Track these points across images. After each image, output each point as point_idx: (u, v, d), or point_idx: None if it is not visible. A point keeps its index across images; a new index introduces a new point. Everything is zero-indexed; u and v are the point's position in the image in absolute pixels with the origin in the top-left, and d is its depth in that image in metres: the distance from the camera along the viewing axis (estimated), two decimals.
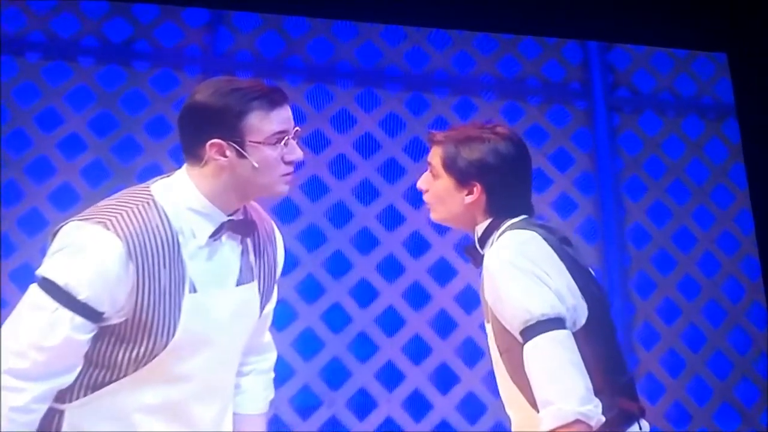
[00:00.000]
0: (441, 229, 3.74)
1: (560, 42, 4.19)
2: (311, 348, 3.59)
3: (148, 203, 1.80)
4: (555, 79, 4.12)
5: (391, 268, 3.73)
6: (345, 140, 3.84)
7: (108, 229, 1.75)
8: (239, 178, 1.80)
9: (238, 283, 1.86)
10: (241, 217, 1.87)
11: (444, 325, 3.70)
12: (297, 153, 1.83)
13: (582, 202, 3.99)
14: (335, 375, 3.59)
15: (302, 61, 3.88)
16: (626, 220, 3.99)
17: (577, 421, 1.74)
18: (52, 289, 1.73)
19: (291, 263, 3.54)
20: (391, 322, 3.68)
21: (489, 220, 2.00)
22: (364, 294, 3.69)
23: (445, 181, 2.01)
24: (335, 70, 3.90)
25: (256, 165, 1.77)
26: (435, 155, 2.04)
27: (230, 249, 1.85)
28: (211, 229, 1.82)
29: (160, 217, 1.79)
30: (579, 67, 4.18)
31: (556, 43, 4.19)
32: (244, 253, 1.88)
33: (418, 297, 3.72)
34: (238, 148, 1.77)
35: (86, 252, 1.74)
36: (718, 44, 4.22)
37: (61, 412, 1.81)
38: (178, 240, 1.79)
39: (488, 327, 1.99)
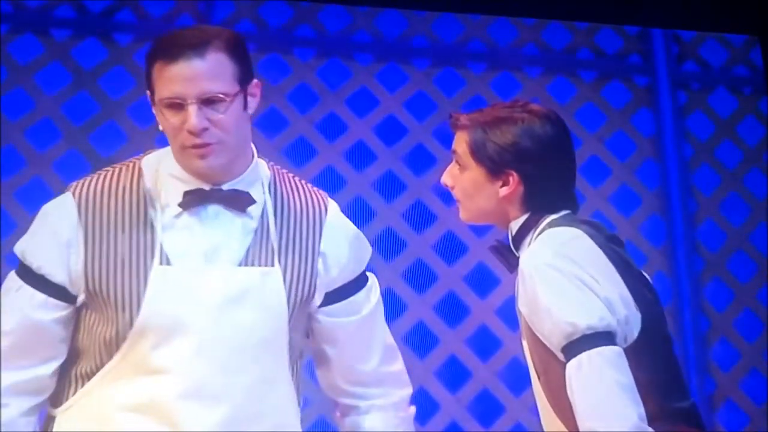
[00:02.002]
0: (479, 230, 3.60)
1: None
2: None
3: (127, 167, 1.83)
4: (611, 51, 4.07)
5: (420, 276, 3.65)
6: (365, 124, 3.77)
7: (69, 190, 1.80)
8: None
9: (241, 264, 1.78)
10: (235, 189, 1.80)
11: (485, 344, 3.61)
12: (189, 122, 1.70)
13: (646, 196, 3.93)
14: None
15: (314, 31, 3.82)
16: (697, 216, 3.94)
17: None
18: (18, 267, 1.80)
19: None
20: (423, 341, 3.58)
21: (525, 216, 1.93)
22: (390, 307, 3.42)
23: (474, 173, 1.94)
24: (352, 41, 3.84)
25: (161, 128, 1.76)
26: (460, 142, 1.98)
27: (227, 223, 1.80)
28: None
29: (132, 179, 1.80)
30: (638, 36, 4.11)
31: None
32: (259, 232, 1.82)
33: (453, 310, 3.64)
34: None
35: (44, 219, 1.80)
36: (748, 27, 4.18)
37: (53, 419, 1.81)
38: (146, 204, 1.78)
39: (524, 344, 1.92)
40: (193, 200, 1.78)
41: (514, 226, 1.94)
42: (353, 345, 1.93)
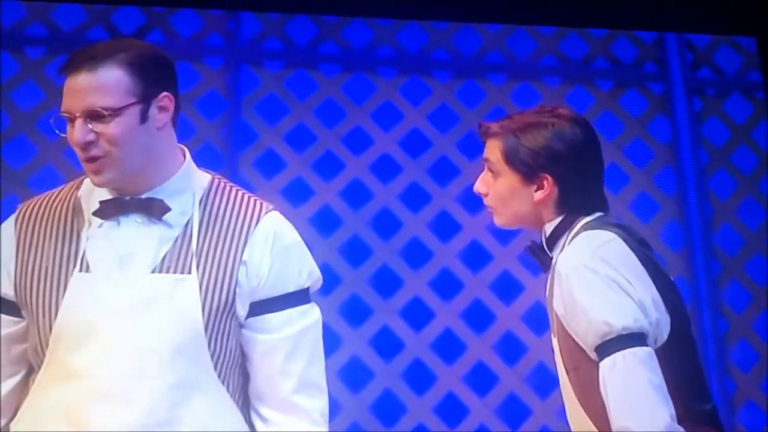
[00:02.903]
0: (503, 238, 3.68)
1: None
2: (358, 379, 3.54)
3: (73, 182, 1.88)
4: (627, 60, 4.09)
5: (447, 285, 3.68)
6: (389, 138, 3.81)
7: (17, 209, 1.87)
8: None
9: (154, 270, 1.77)
10: (151, 197, 1.81)
11: (511, 350, 3.65)
12: (73, 136, 1.73)
13: (663, 202, 3.94)
14: (387, 410, 3.55)
15: (338, 47, 3.88)
16: (714, 221, 3.95)
17: None
18: None
19: (332, 281, 3.50)
20: (450, 348, 3.62)
21: (560, 218, 1.97)
22: (417, 315, 3.64)
23: (509, 178, 1.97)
24: (375, 57, 3.89)
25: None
26: (493, 150, 2.00)
27: (145, 232, 1.80)
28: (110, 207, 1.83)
29: (69, 193, 1.85)
30: (653, 45, 4.14)
31: None
32: (179, 240, 1.80)
33: (479, 318, 3.67)
34: None
35: None
36: (747, 29, 4.18)
37: None
38: (74, 214, 1.81)
39: (554, 342, 1.95)
40: (107, 209, 1.78)
41: (548, 227, 1.97)
42: (264, 366, 1.84)
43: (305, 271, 1.87)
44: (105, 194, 1.80)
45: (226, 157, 3.60)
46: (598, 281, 1.81)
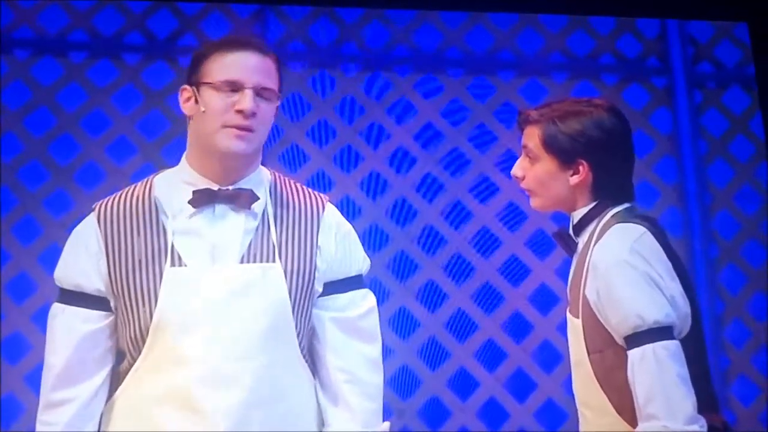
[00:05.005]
0: (511, 225, 3.83)
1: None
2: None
3: (142, 183, 1.94)
4: (631, 55, 4.15)
5: (459, 269, 3.79)
6: (405, 132, 3.91)
7: (93, 209, 1.92)
8: (195, 129, 1.89)
9: (243, 261, 1.87)
10: (239, 188, 1.90)
11: (518, 328, 3.76)
12: (245, 103, 1.82)
13: (664, 190, 4.01)
14: (403, 384, 3.67)
15: (357, 48, 3.97)
16: (712, 208, 4.01)
17: None
18: (59, 295, 1.91)
19: None
20: (462, 327, 3.75)
21: (591, 205, 2.01)
22: (432, 296, 3.76)
23: (547, 163, 2.02)
24: (392, 56, 3.98)
25: (203, 109, 1.84)
26: (532, 136, 2.04)
27: (231, 223, 1.89)
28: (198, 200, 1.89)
29: (144, 189, 1.91)
30: (656, 40, 4.21)
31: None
32: (260, 230, 1.90)
33: (489, 299, 3.78)
34: (194, 90, 1.87)
35: (72, 240, 1.92)
36: (738, 14, 4.20)
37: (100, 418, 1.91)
38: (157, 210, 1.88)
39: (575, 321, 1.99)
40: (201, 198, 1.86)
41: (577, 215, 2.01)
42: (330, 341, 1.94)
43: (361, 257, 2.02)
44: (186, 188, 1.87)
45: None
46: (635, 276, 1.85)
